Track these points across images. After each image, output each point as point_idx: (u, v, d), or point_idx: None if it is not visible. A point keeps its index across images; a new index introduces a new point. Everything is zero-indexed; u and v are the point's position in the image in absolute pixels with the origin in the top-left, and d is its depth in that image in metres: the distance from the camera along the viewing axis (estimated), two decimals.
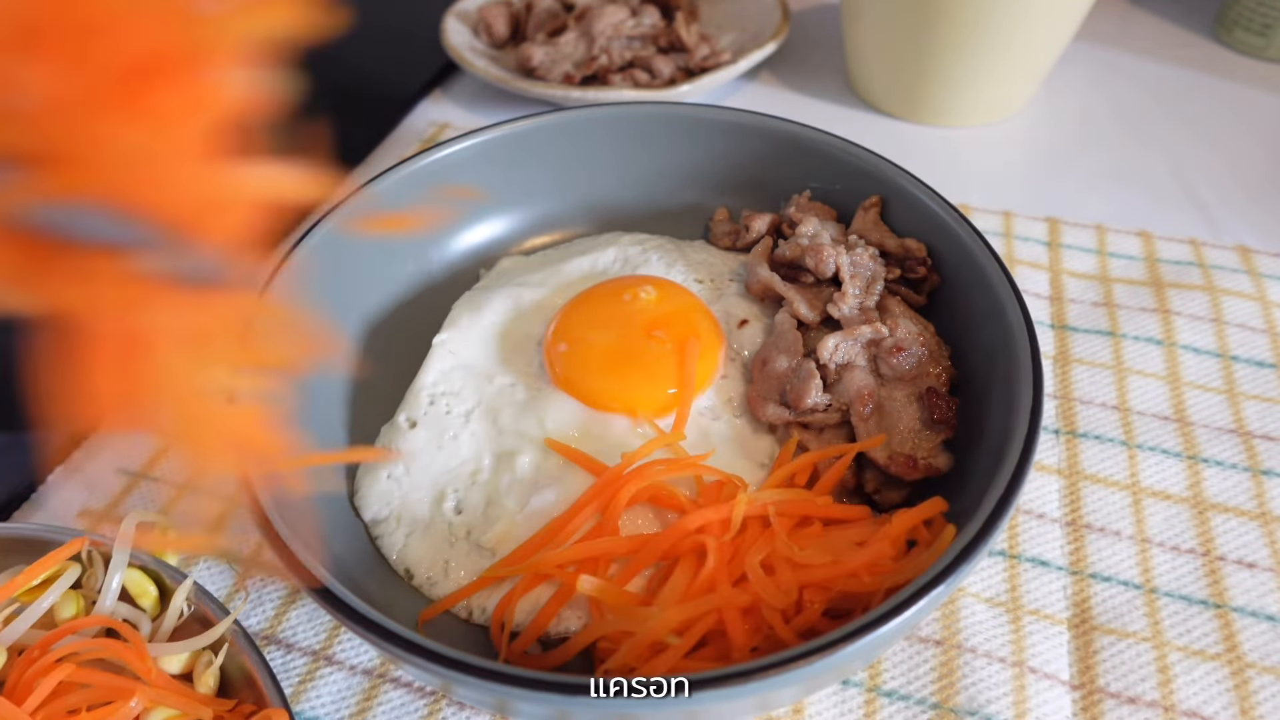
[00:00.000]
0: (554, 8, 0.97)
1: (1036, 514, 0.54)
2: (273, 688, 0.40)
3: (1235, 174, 0.81)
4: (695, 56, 0.89)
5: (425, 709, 0.47)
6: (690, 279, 0.61)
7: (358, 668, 0.48)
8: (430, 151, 0.60)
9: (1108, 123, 0.88)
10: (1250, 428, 0.58)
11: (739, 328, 0.57)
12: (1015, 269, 0.70)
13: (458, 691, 0.38)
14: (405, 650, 0.35)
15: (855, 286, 0.54)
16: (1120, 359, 0.63)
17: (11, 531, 0.45)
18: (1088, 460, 0.57)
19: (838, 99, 0.93)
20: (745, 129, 0.63)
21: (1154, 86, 0.93)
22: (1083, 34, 0.92)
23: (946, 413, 0.48)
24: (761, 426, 0.53)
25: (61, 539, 0.44)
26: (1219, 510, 0.54)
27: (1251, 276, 0.68)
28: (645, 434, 0.51)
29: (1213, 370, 0.62)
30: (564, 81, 0.87)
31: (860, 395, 0.50)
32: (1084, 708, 0.46)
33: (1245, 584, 0.50)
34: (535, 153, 0.64)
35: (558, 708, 0.35)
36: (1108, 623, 0.49)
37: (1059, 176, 0.81)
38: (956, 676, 0.46)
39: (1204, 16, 1.03)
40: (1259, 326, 0.64)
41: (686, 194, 0.67)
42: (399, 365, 0.57)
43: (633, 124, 0.65)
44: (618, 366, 0.53)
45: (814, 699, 0.46)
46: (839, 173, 0.60)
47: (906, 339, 0.51)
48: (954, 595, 0.50)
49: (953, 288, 0.54)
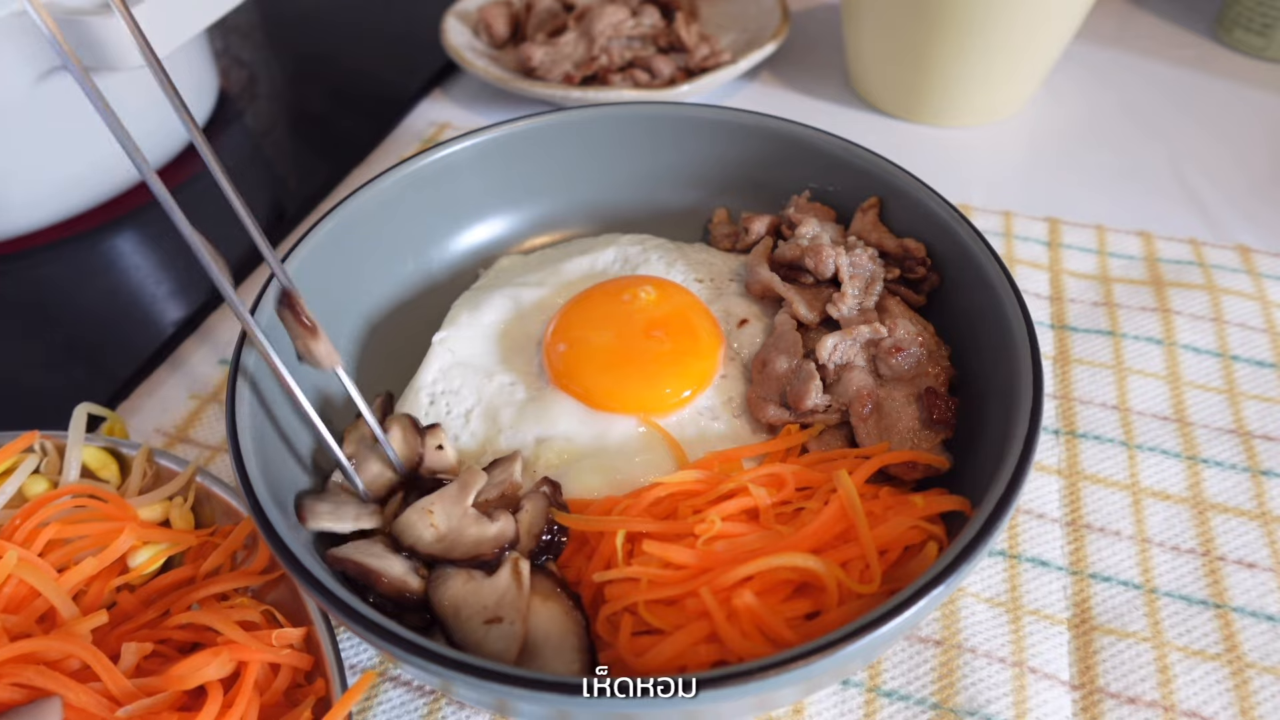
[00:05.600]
0: (554, 8, 0.97)
1: (1036, 514, 0.54)
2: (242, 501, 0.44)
3: (1235, 173, 0.81)
4: (695, 56, 0.89)
5: (425, 708, 0.47)
6: (690, 279, 0.61)
7: (357, 666, 0.48)
8: (430, 151, 0.60)
9: (1108, 123, 0.88)
10: (1250, 428, 0.58)
11: (739, 327, 0.57)
12: (1015, 269, 0.70)
13: (457, 691, 0.38)
14: (405, 650, 0.35)
15: (854, 287, 0.54)
16: (1120, 359, 0.63)
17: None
18: (1088, 460, 0.57)
19: (838, 99, 0.93)
20: (745, 129, 0.63)
21: (1154, 86, 0.93)
22: (1083, 34, 0.93)
23: (946, 413, 0.48)
24: (761, 426, 0.53)
25: (12, 438, 0.48)
26: (1219, 510, 0.54)
27: (1251, 276, 0.68)
28: (645, 434, 0.51)
29: (1213, 370, 0.62)
30: (564, 81, 0.87)
31: (859, 395, 0.50)
32: (1084, 708, 0.46)
33: (1245, 584, 0.50)
34: (535, 153, 0.64)
35: (557, 707, 0.35)
36: (1108, 623, 0.49)
37: (1059, 176, 0.81)
38: (956, 676, 0.46)
39: (1204, 16, 1.03)
40: (1259, 326, 0.64)
41: (686, 194, 0.67)
42: (399, 364, 0.57)
43: (632, 124, 0.65)
44: (617, 366, 0.53)
45: (814, 699, 0.46)
46: (839, 173, 0.60)
47: (905, 339, 0.51)
48: (954, 595, 0.50)
49: (953, 288, 0.54)
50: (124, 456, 0.50)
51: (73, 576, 0.43)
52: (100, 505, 0.46)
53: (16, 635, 0.40)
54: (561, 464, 0.51)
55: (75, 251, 0.76)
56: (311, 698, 0.41)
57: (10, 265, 0.74)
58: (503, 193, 0.65)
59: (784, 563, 0.40)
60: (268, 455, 0.44)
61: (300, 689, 0.42)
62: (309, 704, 0.41)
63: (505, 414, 0.53)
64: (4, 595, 0.42)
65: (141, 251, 0.76)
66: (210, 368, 0.66)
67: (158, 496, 0.47)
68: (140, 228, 0.78)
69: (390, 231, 0.59)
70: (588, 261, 0.62)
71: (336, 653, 0.42)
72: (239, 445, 0.42)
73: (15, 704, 0.37)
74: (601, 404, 0.52)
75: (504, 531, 0.44)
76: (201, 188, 0.82)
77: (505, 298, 0.59)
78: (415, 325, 0.59)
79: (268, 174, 0.87)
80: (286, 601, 0.45)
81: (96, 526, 0.45)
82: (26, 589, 0.42)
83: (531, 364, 0.56)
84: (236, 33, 1.06)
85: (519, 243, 0.67)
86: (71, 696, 0.38)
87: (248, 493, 0.41)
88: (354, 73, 1.01)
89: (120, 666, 0.39)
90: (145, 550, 0.45)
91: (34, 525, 0.44)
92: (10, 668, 0.38)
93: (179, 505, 0.48)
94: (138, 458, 0.49)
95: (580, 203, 0.67)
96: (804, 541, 0.42)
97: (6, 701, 0.38)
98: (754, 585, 0.40)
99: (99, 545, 0.44)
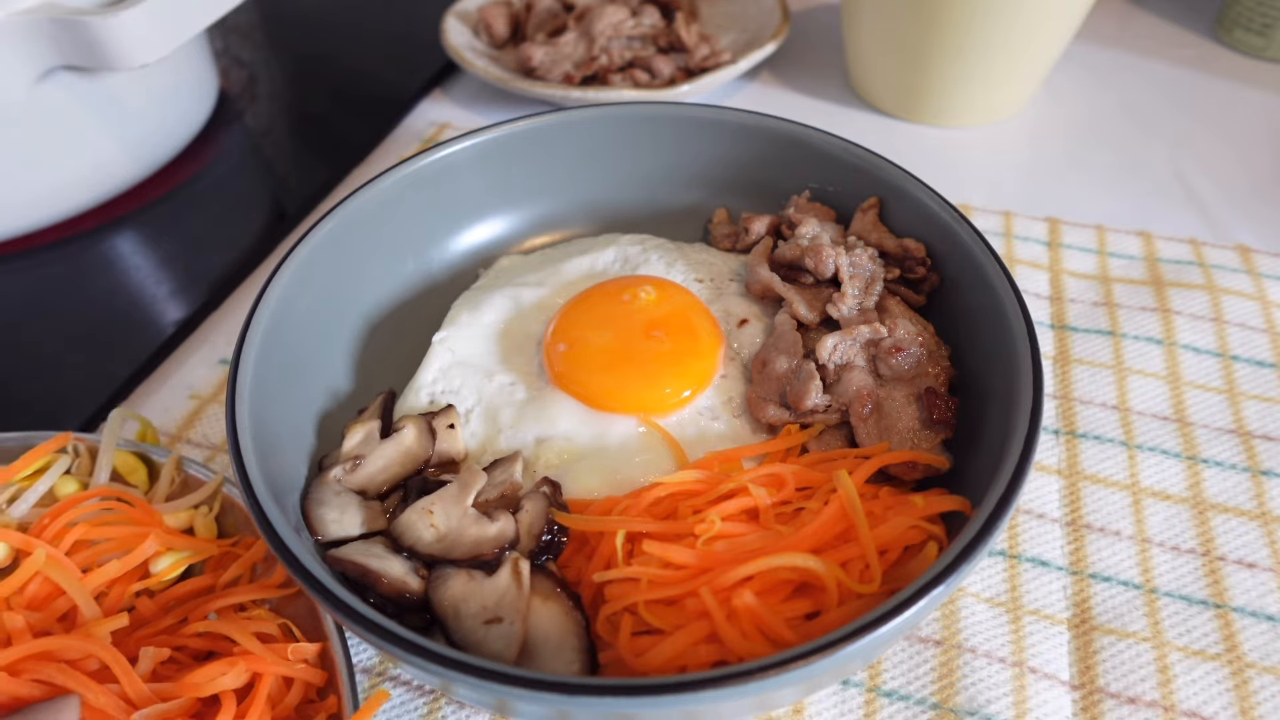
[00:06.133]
0: (554, 8, 0.97)
1: (1036, 514, 0.54)
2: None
3: (1235, 173, 0.81)
4: (695, 56, 0.89)
5: (425, 707, 0.47)
6: (690, 278, 0.61)
7: (357, 666, 0.48)
8: (430, 151, 0.60)
9: (1108, 123, 0.88)
10: (1250, 428, 0.58)
11: (739, 327, 0.57)
12: (1015, 269, 0.70)
13: (457, 691, 0.38)
14: (405, 650, 0.35)
15: (854, 287, 0.54)
16: (1120, 359, 0.63)
17: (5, 441, 0.49)
18: (1088, 460, 0.57)
19: (838, 99, 0.93)
20: (745, 129, 0.63)
21: (1154, 86, 0.93)
22: (1083, 34, 0.93)
23: (946, 413, 0.48)
24: (761, 427, 0.53)
25: (46, 438, 0.49)
26: (1219, 510, 0.54)
27: (1251, 276, 0.68)
28: (645, 434, 0.51)
29: (1213, 370, 0.62)
30: (564, 81, 0.87)
31: (859, 396, 0.50)
32: (1084, 708, 0.46)
33: (1245, 584, 0.50)
34: (535, 153, 0.64)
35: (557, 707, 0.35)
36: (1108, 623, 0.49)
37: (1059, 176, 0.81)
38: (956, 676, 0.46)
39: (1204, 16, 1.03)
40: (1259, 326, 0.64)
41: (686, 194, 0.67)
42: (399, 364, 0.57)
43: (633, 124, 0.65)
44: (617, 366, 0.53)
45: (814, 699, 0.46)
46: (839, 173, 0.60)
47: (905, 339, 0.51)
48: (954, 595, 0.50)
49: (953, 288, 0.54)
50: (153, 462, 0.50)
51: (96, 578, 0.43)
52: (127, 509, 0.46)
53: (38, 633, 0.41)
54: (561, 464, 0.51)
55: (75, 251, 0.76)
56: (323, 714, 0.41)
57: (10, 265, 0.74)
58: (503, 193, 0.65)
59: (784, 563, 0.40)
60: (268, 455, 0.44)
61: (312, 704, 0.42)
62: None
63: (505, 414, 0.53)
64: (28, 593, 0.42)
65: (141, 251, 0.76)
66: (210, 368, 0.66)
67: (184, 504, 0.48)
68: (140, 228, 0.78)
69: (390, 231, 0.59)
70: (588, 261, 0.62)
71: (350, 670, 0.42)
72: (239, 445, 0.42)
73: (35, 699, 0.38)
74: (601, 404, 0.52)
75: (504, 532, 0.44)
76: (202, 187, 0.83)
77: (505, 298, 0.59)
78: (415, 325, 0.59)
79: (268, 174, 0.87)
80: (303, 616, 0.45)
81: (122, 530, 0.45)
82: (50, 588, 0.42)
83: (531, 364, 0.56)
84: (236, 33, 1.06)
85: (519, 243, 0.67)
86: (90, 696, 0.38)
87: (248, 493, 0.41)
88: (354, 73, 1.01)
89: (137, 670, 0.39)
90: (167, 557, 0.45)
91: (62, 525, 0.45)
92: (31, 664, 0.39)
93: (204, 514, 0.48)
94: (167, 465, 0.49)
95: (580, 203, 0.67)
96: (804, 541, 0.42)
97: (26, 697, 0.38)
98: (754, 585, 0.40)
99: (123, 549, 0.44)
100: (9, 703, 0.38)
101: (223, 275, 0.72)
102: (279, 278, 0.51)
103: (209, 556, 0.46)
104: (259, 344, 0.47)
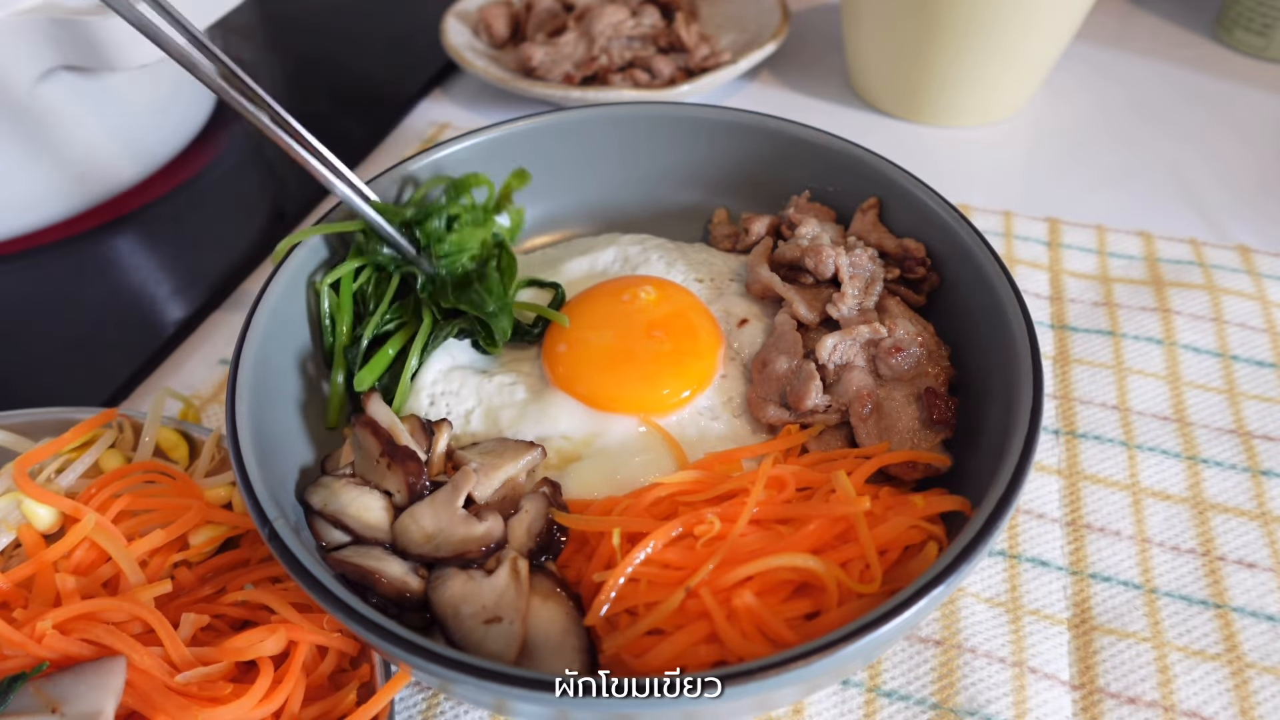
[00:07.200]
0: (554, 8, 0.97)
1: (1036, 514, 0.54)
2: None
3: (1235, 173, 0.81)
4: (695, 56, 0.89)
5: (424, 703, 0.47)
6: (690, 279, 0.61)
7: None
8: (431, 151, 0.60)
9: (1108, 123, 0.88)
10: (1250, 428, 0.58)
11: (739, 327, 0.57)
12: (1015, 269, 0.70)
13: (457, 690, 0.38)
14: (405, 650, 0.35)
15: (854, 287, 0.54)
16: (1120, 359, 0.63)
17: (53, 415, 0.51)
18: (1088, 460, 0.57)
19: (838, 99, 0.93)
20: (745, 129, 0.63)
21: (1154, 86, 0.93)
22: (1083, 34, 0.92)
23: (945, 413, 0.48)
24: (761, 426, 0.53)
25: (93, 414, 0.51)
26: (1219, 510, 0.54)
27: (1251, 276, 0.68)
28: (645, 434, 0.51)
29: (1213, 370, 0.62)
30: (564, 81, 0.87)
31: (859, 396, 0.50)
32: (1084, 708, 0.46)
33: (1245, 584, 0.50)
34: (535, 153, 0.64)
35: (557, 707, 0.35)
36: (1108, 623, 0.49)
37: (1059, 176, 0.81)
38: (956, 676, 0.46)
39: (1204, 16, 1.03)
40: (1259, 326, 0.64)
41: (686, 194, 0.67)
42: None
43: (633, 124, 0.65)
44: (617, 366, 0.53)
45: (814, 699, 0.46)
46: (839, 173, 0.60)
47: (905, 339, 0.51)
48: (954, 595, 0.50)
49: (953, 288, 0.54)
50: (194, 439, 0.52)
51: (140, 546, 0.44)
52: (170, 483, 0.48)
53: (85, 597, 0.42)
54: (561, 464, 0.51)
55: (75, 251, 0.76)
56: (355, 682, 0.43)
57: (10, 265, 0.74)
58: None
59: (784, 563, 0.40)
60: (268, 455, 0.44)
61: (344, 674, 0.44)
62: (353, 687, 0.42)
63: (505, 414, 0.53)
64: (74, 559, 0.43)
65: (141, 251, 0.76)
66: (210, 368, 0.66)
67: (224, 480, 0.49)
68: (140, 228, 0.78)
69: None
70: (588, 261, 0.62)
71: None
72: (239, 445, 0.42)
73: (84, 659, 0.39)
74: (601, 404, 0.52)
75: (490, 531, 0.44)
76: (202, 188, 0.83)
77: None
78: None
79: (268, 174, 0.87)
80: None
81: (165, 502, 0.47)
82: (95, 554, 0.44)
83: (532, 364, 0.56)
84: (236, 33, 1.06)
85: (519, 243, 0.67)
86: (136, 658, 0.39)
87: (247, 493, 0.41)
88: (354, 73, 1.01)
89: (179, 635, 0.41)
90: (206, 530, 0.47)
91: (108, 495, 0.46)
92: (80, 624, 0.40)
93: None
94: (208, 442, 0.51)
95: (580, 203, 0.67)
96: (804, 541, 0.42)
97: (76, 655, 0.39)
98: (754, 585, 0.40)
99: (165, 521, 0.46)
100: (60, 660, 0.39)
101: (223, 275, 0.72)
102: (279, 278, 0.51)
103: (246, 531, 0.48)
104: (259, 344, 0.47)
